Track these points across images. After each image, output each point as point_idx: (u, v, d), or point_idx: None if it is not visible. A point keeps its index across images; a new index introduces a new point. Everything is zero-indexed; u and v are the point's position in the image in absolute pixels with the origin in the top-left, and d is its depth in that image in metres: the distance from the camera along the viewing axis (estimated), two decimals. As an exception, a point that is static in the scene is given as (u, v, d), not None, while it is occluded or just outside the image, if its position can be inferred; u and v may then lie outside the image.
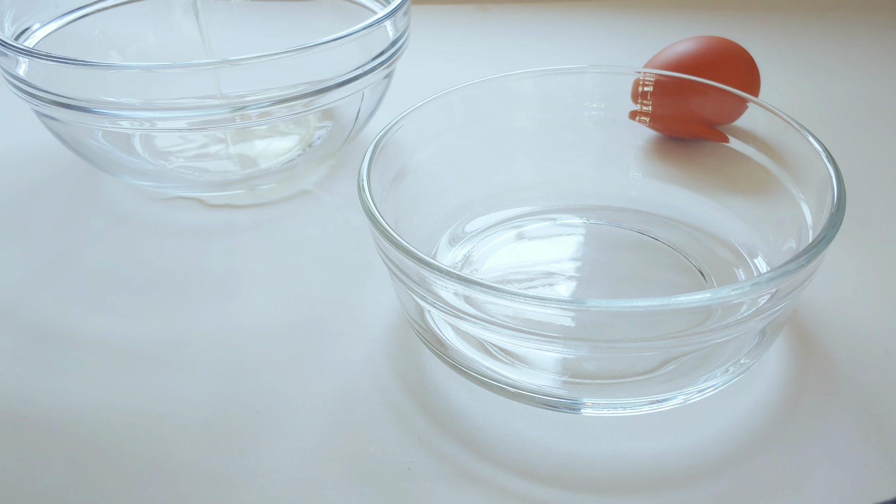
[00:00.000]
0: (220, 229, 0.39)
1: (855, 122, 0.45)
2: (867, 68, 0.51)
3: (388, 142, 0.32)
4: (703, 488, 0.26)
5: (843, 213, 0.27)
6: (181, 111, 0.35)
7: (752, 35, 0.56)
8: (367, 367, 0.30)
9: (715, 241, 0.34)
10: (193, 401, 0.29)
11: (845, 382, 0.29)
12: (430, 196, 0.34)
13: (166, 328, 0.33)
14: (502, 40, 0.58)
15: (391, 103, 0.42)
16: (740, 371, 0.28)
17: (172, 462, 0.27)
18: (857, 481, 0.26)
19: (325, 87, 0.36)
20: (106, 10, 0.44)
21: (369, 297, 0.34)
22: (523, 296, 0.24)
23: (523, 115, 0.37)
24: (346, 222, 0.39)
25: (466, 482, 0.26)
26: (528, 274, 0.34)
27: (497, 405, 0.28)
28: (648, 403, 0.27)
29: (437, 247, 0.34)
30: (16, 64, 0.36)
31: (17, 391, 0.30)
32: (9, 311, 0.34)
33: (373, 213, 0.28)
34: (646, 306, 0.24)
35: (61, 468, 0.27)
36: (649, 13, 0.60)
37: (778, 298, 0.25)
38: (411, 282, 0.27)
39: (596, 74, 0.36)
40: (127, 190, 0.41)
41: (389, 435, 0.28)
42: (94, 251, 0.37)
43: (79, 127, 0.37)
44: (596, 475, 0.26)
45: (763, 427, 0.28)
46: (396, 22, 0.39)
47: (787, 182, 0.31)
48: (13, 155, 0.45)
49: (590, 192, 0.37)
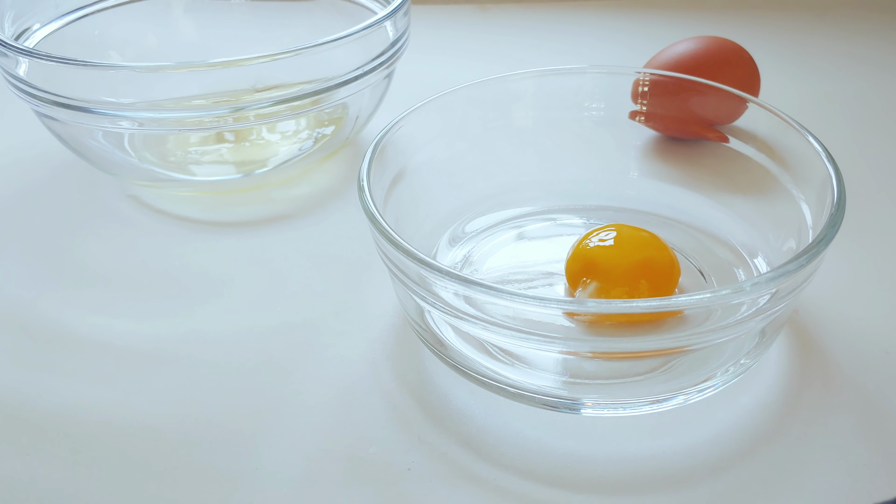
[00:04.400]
0: (220, 229, 0.39)
1: (855, 122, 0.45)
2: (867, 68, 0.51)
3: (388, 142, 0.32)
4: (703, 488, 0.26)
5: (843, 213, 0.27)
6: (181, 111, 0.35)
7: (752, 35, 0.56)
8: (367, 367, 0.30)
9: (715, 241, 0.34)
10: (193, 401, 0.29)
11: (845, 382, 0.29)
12: (430, 196, 0.34)
13: (166, 328, 0.33)
14: (502, 40, 0.58)
15: (391, 103, 0.42)
16: (740, 371, 0.28)
17: (172, 462, 0.27)
18: (857, 481, 0.26)
19: (325, 88, 0.36)
20: (106, 10, 0.44)
21: (369, 297, 0.34)
22: (523, 296, 0.24)
23: (523, 115, 0.37)
24: (346, 222, 0.39)
25: (466, 482, 0.26)
26: (528, 274, 0.34)
27: (497, 405, 0.28)
28: (648, 403, 0.27)
29: (437, 247, 0.34)
30: (16, 64, 0.36)
31: (17, 391, 0.30)
32: (9, 311, 0.34)
33: (373, 214, 0.28)
34: (646, 306, 0.24)
35: (61, 468, 0.27)
36: (649, 13, 0.60)
37: (778, 299, 0.25)
38: (411, 282, 0.27)
39: (596, 74, 0.36)
40: (127, 190, 0.41)
41: (389, 435, 0.28)
42: (94, 251, 0.37)
43: (79, 127, 0.37)
44: (596, 475, 0.26)
45: (763, 427, 0.28)
46: (396, 22, 0.39)
47: (787, 182, 0.31)
48: (13, 155, 0.45)
49: (590, 192, 0.37)
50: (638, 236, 0.32)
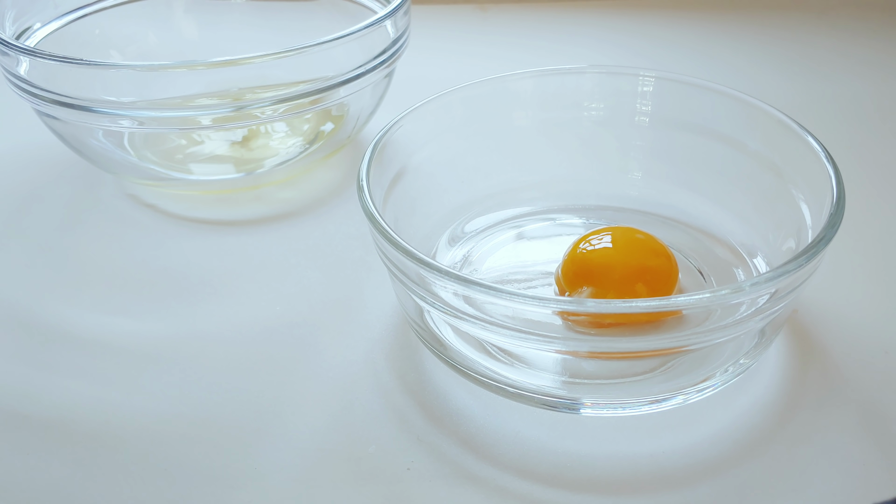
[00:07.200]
0: (221, 229, 0.39)
1: (855, 122, 0.45)
2: (867, 68, 0.51)
3: (387, 142, 0.32)
4: (702, 488, 0.26)
5: (843, 213, 0.27)
6: (181, 111, 0.35)
7: (752, 35, 0.56)
8: (367, 367, 0.30)
9: (714, 241, 0.34)
10: (193, 400, 0.29)
11: (845, 382, 0.29)
12: (429, 196, 0.34)
13: (166, 328, 0.33)
14: (502, 40, 0.58)
15: (391, 103, 0.42)
16: (740, 371, 0.28)
17: (172, 462, 0.27)
18: (857, 481, 0.26)
19: (325, 87, 0.36)
20: (106, 10, 0.44)
21: (369, 297, 0.34)
22: (523, 296, 0.24)
23: (523, 115, 0.37)
24: (346, 222, 0.39)
25: (466, 482, 0.26)
26: (528, 274, 0.34)
27: (496, 405, 0.28)
28: (648, 403, 0.27)
29: (437, 247, 0.34)
30: (17, 63, 0.36)
31: (17, 391, 0.30)
32: (9, 311, 0.34)
33: (372, 214, 0.28)
34: (645, 306, 0.24)
35: (61, 467, 0.27)
36: (649, 13, 0.60)
37: (777, 298, 0.25)
38: (411, 282, 0.27)
39: (596, 74, 0.36)
40: (127, 189, 0.41)
41: (389, 435, 0.28)
42: (94, 251, 0.37)
43: (79, 126, 0.37)
44: (595, 475, 0.26)
45: (762, 427, 0.28)
46: (397, 21, 0.39)
47: (786, 182, 0.31)
48: (13, 154, 0.45)
49: (590, 192, 0.37)
50: (634, 239, 0.32)
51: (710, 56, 0.54)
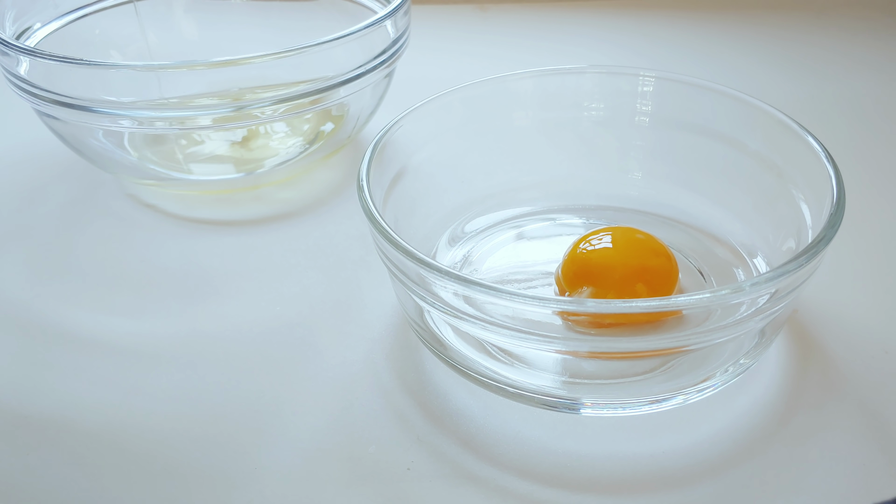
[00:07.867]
0: (221, 229, 0.39)
1: (855, 122, 0.45)
2: (867, 68, 0.51)
3: (387, 141, 0.32)
4: (702, 488, 0.26)
5: (843, 213, 0.27)
6: (181, 111, 0.35)
7: (752, 35, 0.56)
8: (367, 367, 0.30)
9: (714, 241, 0.34)
10: (193, 400, 0.29)
11: (845, 382, 0.29)
12: (429, 196, 0.34)
13: (166, 328, 0.33)
14: (502, 40, 0.58)
15: (391, 103, 0.42)
16: (740, 371, 0.28)
17: (172, 462, 0.27)
18: (857, 481, 0.26)
19: (325, 87, 0.36)
20: (106, 10, 0.44)
21: (369, 297, 0.34)
22: (523, 296, 0.24)
23: (523, 115, 0.37)
24: (346, 222, 0.39)
25: (466, 482, 0.26)
26: (528, 274, 0.34)
27: (496, 405, 0.28)
28: (648, 403, 0.27)
29: (437, 247, 0.34)
30: (17, 63, 0.36)
31: (17, 391, 0.30)
32: (9, 311, 0.34)
33: (372, 214, 0.28)
34: (645, 306, 0.24)
35: (61, 468, 0.27)
36: (649, 13, 0.60)
37: (777, 298, 0.25)
38: (411, 282, 0.27)
39: (596, 74, 0.36)
40: (127, 189, 0.41)
41: (389, 435, 0.28)
42: (94, 251, 0.37)
43: (79, 126, 0.37)
44: (595, 475, 0.26)
45: (762, 427, 0.28)
46: (397, 21, 0.39)
47: (786, 182, 0.31)
48: (13, 154, 0.45)
49: (590, 192, 0.37)
50: (634, 239, 0.32)
51: (710, 56, 0.54)
